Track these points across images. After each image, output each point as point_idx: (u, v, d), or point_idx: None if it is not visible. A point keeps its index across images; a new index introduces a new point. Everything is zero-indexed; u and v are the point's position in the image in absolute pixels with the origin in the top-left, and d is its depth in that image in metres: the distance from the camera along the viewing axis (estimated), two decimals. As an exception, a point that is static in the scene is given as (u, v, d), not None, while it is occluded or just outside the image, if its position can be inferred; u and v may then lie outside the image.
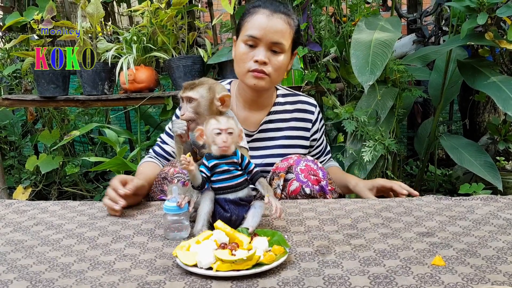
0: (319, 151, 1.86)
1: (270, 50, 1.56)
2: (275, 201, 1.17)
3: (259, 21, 1.55)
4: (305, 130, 1.77)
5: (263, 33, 1.54)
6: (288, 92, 1.80)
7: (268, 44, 1.55)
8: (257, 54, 1.55)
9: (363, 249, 1.07)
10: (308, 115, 1.77)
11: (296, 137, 1.75)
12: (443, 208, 1.36)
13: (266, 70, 1.56)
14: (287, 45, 1.58)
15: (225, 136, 1.16)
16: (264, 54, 1.55)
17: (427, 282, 0.89)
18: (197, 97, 1.28)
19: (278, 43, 1.55)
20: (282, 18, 1.56)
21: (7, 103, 2.61)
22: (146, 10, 2.40)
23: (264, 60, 1.54)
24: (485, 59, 2.46)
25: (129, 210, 1.46)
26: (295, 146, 1.75)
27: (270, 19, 1.54)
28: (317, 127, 1.80)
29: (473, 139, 2.67)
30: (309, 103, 1.79)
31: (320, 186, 1.54)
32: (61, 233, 1.27)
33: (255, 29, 1.55)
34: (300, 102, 1.78)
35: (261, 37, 1.55)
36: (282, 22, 1.56)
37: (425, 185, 3.07)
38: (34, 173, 3.10)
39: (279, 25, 1.55)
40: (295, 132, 1.75)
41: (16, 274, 1.01)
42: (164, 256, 1.08)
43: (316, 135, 1.80)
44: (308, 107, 1.78)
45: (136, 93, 2.50)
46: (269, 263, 0.95)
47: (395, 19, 2.36)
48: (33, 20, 2.40)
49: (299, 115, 1.77)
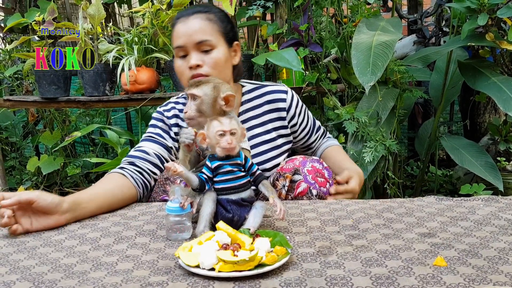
0: (306, 132, 1.81)
1: (201, 51, 1.55)
2: (279, 202, 1.17)
3: (178, 30, 1.56)
4: (281, 120, 1.72)
5: (185, 38, 1.54)
6: (254, 86, 1.75)
7: (195, 47, 1.54)
8: (189, 61, 1.54)
9: (365, 249, 1.07)
10: (279, 104, 1.71)
11: (274, 129, 1.72)
12: (444, 209, 1.36)
13: (203, 72, 1.54)
14: (214, 40, 1.55)
15: (229, 137, 1.16)
16: (195, 57, 1.54)
17: (429, 282, 0.89)
18: (201, 94, 1.28)
19: (203, 41, 1.54)
20: (199, 16, 1.55)
21: (8, 104, 2.62)
22: (147, 11, 2.41)
23: (196, 64, 1.53)
24: (485, 60, 2.47)
25: (131, 211, 1.46)
26: (276, 138, 1.72)
27: (187, 23, 1.54)
28: (293, 112, 1.73)
29: (474, 139, 2.68)
30: (278, 91, 1.73)
31: (327, 188, 1.56)
32: (63, 234, 1.27)
33: (177, 39, 1.56)
34: (268, 93, 1.72)
35: (185, 43, 1.54)
36: (200, 20, 1.55)
37: (426, 186, 3.07)
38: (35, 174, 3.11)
39: (197, 24, 1.54)
40: (271, 124, 1.71)
41: (18, 275, 1.01)
42: (166, 257, 1.08)
43: (294, 120, 1.74)
44: (277, 96, 1.72)
45: (137, 94, 2.51)
46: (271, 264, 0.95)
47: (396, 20, 2.37)
48: (34, 22, 2.40)
49: (271, 107, 1.71)
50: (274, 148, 1.71)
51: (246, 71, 2.52)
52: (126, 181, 1.52)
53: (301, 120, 1.77)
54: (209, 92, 1.28)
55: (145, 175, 1.57)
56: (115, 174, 1.54)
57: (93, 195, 1.43)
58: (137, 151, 1.62)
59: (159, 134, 1.67)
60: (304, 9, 2.41)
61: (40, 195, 1.27)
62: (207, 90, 1.28)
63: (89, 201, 1.39)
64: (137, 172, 1.56)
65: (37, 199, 1.26)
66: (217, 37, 1.57)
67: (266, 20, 2.93)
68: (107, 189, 1.48)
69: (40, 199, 1.26)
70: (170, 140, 1.67)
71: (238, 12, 2.67)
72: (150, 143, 1.64)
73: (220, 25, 1.58)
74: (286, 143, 1.74)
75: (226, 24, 1.61)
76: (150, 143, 1.64)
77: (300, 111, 1.76)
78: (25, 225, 1.27)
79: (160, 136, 1.66)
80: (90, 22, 2.39)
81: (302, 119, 1.78)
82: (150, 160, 1.60)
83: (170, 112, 1.70)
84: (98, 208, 1.42)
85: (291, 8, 2.53)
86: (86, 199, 1.39)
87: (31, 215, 1.29)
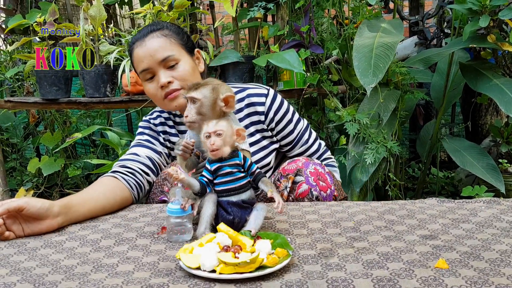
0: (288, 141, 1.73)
1: (167, 68, 1.55)
2: (277, 195, 1.16)
3: (138, 54, 1.56)
4: (261, 123, 1.69)
5: (148, 60, 1.54)
6: (236, 90, 1.69)
7: (160, 65, 1.54)
8: (158, 81, 1.54)
9: (366, 252, 1.07)
10: (258, 108, 1.67)
11: (257, 131, 1.69)
12: (446, 211, 1.36)
13: (175, 87, 1.54)
14: (176, 53, 1.56)
15: (213, 138, 1.15)
16: (164, 75, 1.54)
17: (430, 285, 0.88)
18: (200, 97, 1.26)
19: (166, 58, 1.54)
20: (154, 35, 1.56)
21: (9, 105, 2.62)
22: (148, 12, 2.41)
23: (166, 82, 1.53)
24: (487, 62, 2.47)
25: (132, 213, 1.46)
26: (260, 140, 1.69)
27: (144, 45, 1.54)
28: (271, 117, 1.67)
29: (475, 141, 2.68)
30: (257, 94, 1.68)
31: (328, 194, 1.55)
32: (63, 235, 1.27)
33: (140, 63, 1.56)
34: (248, 96, 1.68)
35: (149, 65, 1.54)
36: (156, 38, 1.55)
37: (427, 188, 3.07)
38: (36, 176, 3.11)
39: (155, 43, 1.54)
40: (253, 127, 1.68)
41: (19, 277, 1.01)
42: (167, 259, 1.08)
43: (272, 125, 1.68)
44: (256, 99, 1.67)
45: (138, 96, 2.51)
46: (272, 266, 0.95)
47: (397, 22, 2.37)
48: (35, 23, 2.40)
49: (250, 110, 1.68)
50: (260, 150, 1.70)
51: (247, 73, 2.52)
52: (118, 183, 1.52)
53: (281, 127, 1.70)
54: (208, 94, 1.26)
55: (137, 176, 1.57)
56: (106, 178, 1.54)
57: (85, 198, 1.41)
58: (127, 155, 1.64)
59: (148, 140, 1.68)
60: (306, 10, 2.41)
61: (29, 201, 1.25)
62: (206, 92, 1.26)
63: (80, 204, 1.38)
64: (129, 174, 1.56)
65: (26, 206, 1.24)
66: (178, 50, 1.57)
67: (267, 22, 2.93)
68: (99, 191, 1.46)
69: (29, 206, 1.24)
70: (159, 145, 1.68)
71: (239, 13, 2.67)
72: (140, 148, 1.66)
73: (176, 38, 1.58)
74: (271, 143, 1.72)
75: (182, 36, 1.61)
76: (139, 147, 1.66)
77: (282, 118, 1.70)
78: (17, 232, 1.26)
79: (149, 142, 1.68)
80: (91, 23, 2.39)
81: (283, 127, 1.71)
82: (141, 161, 1.61)
83: (156, 120, 1.72)
84: (90, 211, 1.40)
85: (292, 10, 2.53)
86: (78, 202, 1.38)
87: (22, 222, 1.28)
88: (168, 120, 1.72)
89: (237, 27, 2.70)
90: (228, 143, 1.17)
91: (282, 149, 1.77)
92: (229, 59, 2.46)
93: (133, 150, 1.65)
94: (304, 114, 2.66)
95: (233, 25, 2.72)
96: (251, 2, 2.67)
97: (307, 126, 1.78)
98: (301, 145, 1.75)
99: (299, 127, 1.74)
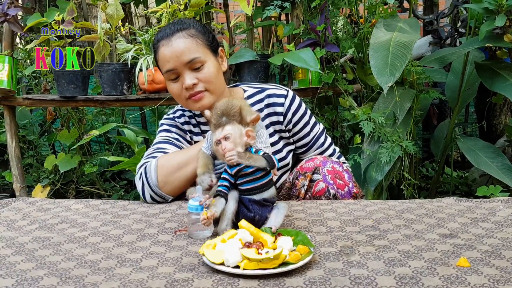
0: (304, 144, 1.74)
1: (192, 69, 1.54)
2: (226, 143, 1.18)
3: (164, 53, 1.54)
4: (279, 124, 1.69)
5: (174, 61, 1.52)
6: (256, 90, 1.71)
7: (186, 66, 1.53)
8: (183, 82, 1.54)
9: (387, 250, 1.08)
10: (277, 108, 1.68)
11: (275, 132, 1.70)
12: (464, 210, 1.36)
13: (200, 89, 1.54)
14: (203, 55, 1.54)
15: (223, 143, 1.18)
16: (189, 77, 1.53)
17: (453, 283, 0.89)
18: (231, 132, 1.21)
19: (192, 60, 1.52)
20: (181, 35, 1.54)
21: (27, 102, 2.65)
22: (165, 11, 2.43)
23: (191, 83, 1.52)
24: (503, 61, 2.45)
25: (151, 209, 1.48)
26: (278, 140, 1.70)
27: (171, 45, 1.52)
28: (289, 118, 1.68)
29: (490, 141, 2.66)
30: (277, 95, 1.69)
31: (346, 191, 1.56)
32: (86, 230, 1.30)
33: (166, 63, 1.54)
34: (268, 97, 1.69)
35: (174, 67, 1.53)
36: (183, 39, 1.53)
37: (441, 187, 3.06)
38: (52, 172, 3.15)
39: (181, 44, 1.52)
40: (272, 127, 1.69)
41: (46, 271, 1.03)
42: (189, 254, 1.09)
43: (290, 126, 1.69)
44: (276, 100, 1.68)
45: (154, 94, 2.53)
46: (295, 263, 0.96)
47: (413, 21, 2.36)
48: (54, 21, 2.43)
49: (270, 110, 1.68)
50: (279, 151, 1.70)
51: (262, 71, 2.53)
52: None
53: (298, 129, 1.71)
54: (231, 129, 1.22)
55: None
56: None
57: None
58: (155, 152, 1.63)
59: (176, 138, 1.68)
60: (321, 9, 2.42)
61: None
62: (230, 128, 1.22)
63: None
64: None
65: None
66: (204, 51, 1.56)
67: (281, 20, 2.94)
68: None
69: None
70: (186, 144, 1.68)
71: (254, 12, 2.68)
72: (167, 144, 1.65)
73: (202, 38, 1.57)
74: (288, 144, 1.73)
75: (208, 36, 1.60)
76: (167, 144, 1.65)
77: (299, 119, 1.70)
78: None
79: (177, 140, 1.68)
80: (109, 21, 2.41)
81: (300, 129, 1.72)
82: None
83: (180, 118, 1.72)
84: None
85: (308, 8, 2.54)
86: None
87: None
88: (192, 119, 1.72)
89: (252, 26, 2.71)
90: (239, 144, 1.18)
91: (297, 151, 1.77)
92: (245, 57, 2.47)
93: (161, 146, 1.64)
94: (318, 113, 2.67)
95: (247, 24, 2.73)
96: (266, 1, 2.67)
97: (323, 130, 1.79)
98: (316, 148, 1.76)
99: (315, 130, 1.75)
